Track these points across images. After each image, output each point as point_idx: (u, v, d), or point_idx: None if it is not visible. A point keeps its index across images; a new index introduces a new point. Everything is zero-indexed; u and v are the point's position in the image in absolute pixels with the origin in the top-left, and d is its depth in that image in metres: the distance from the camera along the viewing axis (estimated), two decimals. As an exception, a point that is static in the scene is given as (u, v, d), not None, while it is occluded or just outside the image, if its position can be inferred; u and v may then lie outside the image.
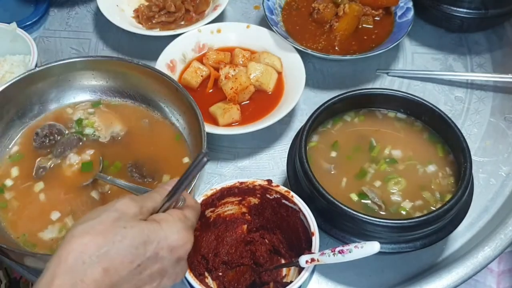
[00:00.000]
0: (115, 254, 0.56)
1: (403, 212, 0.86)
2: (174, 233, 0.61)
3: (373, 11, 1.24)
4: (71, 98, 1.04)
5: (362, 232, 0.82)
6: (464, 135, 0.89)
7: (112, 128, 1.00)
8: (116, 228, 0.58)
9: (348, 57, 1.14)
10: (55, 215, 0.89)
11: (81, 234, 0.57)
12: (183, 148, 0.98)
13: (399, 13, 1.23)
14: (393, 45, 1.14)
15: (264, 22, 1.21)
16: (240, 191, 0.86)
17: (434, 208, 0.85)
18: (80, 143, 0.98)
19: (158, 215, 0.63)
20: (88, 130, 1.00)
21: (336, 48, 1.18)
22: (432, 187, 0.89)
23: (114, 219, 0.58)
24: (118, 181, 0.90)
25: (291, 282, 0.75)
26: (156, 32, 1.22)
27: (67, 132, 0.99)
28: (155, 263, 0.60)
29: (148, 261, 0.59)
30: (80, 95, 1.05)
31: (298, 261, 0.76)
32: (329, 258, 0.73)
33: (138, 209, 0.61)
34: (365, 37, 1.21)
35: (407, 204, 0.87)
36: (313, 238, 0.78)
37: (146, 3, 1.30)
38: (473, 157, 0.87)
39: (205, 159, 0.59)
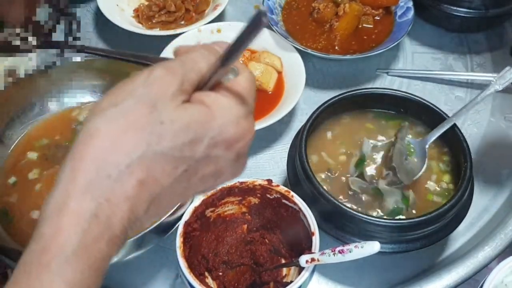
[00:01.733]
0: (152, 161, 0.41)
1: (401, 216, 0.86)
2: (231, 124, 0.44)
3: (373, 11, 1.23)
4: (71, 98, 1.04)
5: (362, 232, 0.82)
6: (464, 135, 0.90)
7: None
8: (150, 123, 0.40)
9: (348, 56, 1.14)
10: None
11: (101, 131, 0.40)
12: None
13: (399, 13, 1.23)
14: (393, 45, 1.14)
15: (264, 21, 1.21)
16: (240, 191, 0.86)
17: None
18: None
19: (207, 95, 0.44)
20: None
21: (336, 47, 1.18)
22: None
23: (146, 108, 0.41)
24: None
25: (291, 282, 0.75)
26: (156, 32, 1.22)
27: None
28: (208, 164, 0.44)
29: (197, 164, 0.43)
30: (80, 95, 1.04)
31: (298, 261, 0.76)
32: (329, 258, 0.73)
33: (177, 86, 0.42)
34: (365, 37, 1.21)
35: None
36: (313, 238, 0.78)
37: (146, 3, 1.30)
38: (473, 157, 0.87)
39: (264, 19, 0.39)
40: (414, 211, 0.86)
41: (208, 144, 0.43)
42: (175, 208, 0.44)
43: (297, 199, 0.82)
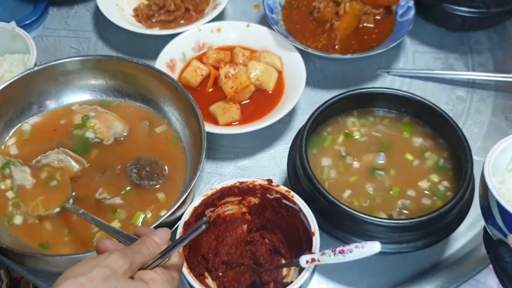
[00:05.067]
0: None
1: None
2: None
3: (374, 10, 1.23)
4: (70, 98, 1.04)
5: (362, 232, 0.82)
6: (465, 134, 0.89)
7: (113, 129, 0.99)
8: (107, 287, 0.57)
9: (348, 56, 1.14)
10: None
11: None
12: (183, 148, 0.98)
13: (400, 12, 1.22)
14: (394, 44, 1.14)
15: (264, 21, 1.20)
16: (240, 191, 0.85)
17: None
18: None
19: (146, 273, 0.62)
20: (89, 134, 0.99)
21: (337, 47, 1.18)
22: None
23: (105, 277, 0.58)
24: (90, 217, 0.83)
25: (291, 282, 0.75)
26: (155, 31, 1.22)
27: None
28: None
29: None
30: (79, 95, 1.04)
31: (298, 261, 0.76)
32: (330, 258, 0.73)
33: (128, 266, 0.60)
34: (366, 36, 1.21)
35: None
36: (314, 238, 0.78)
37: (146, 2, 1.30)
38: (474, 157, 0.87)
39: (204, 226, 0.63)
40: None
41: None
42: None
43: (297, 199, 0.82)
